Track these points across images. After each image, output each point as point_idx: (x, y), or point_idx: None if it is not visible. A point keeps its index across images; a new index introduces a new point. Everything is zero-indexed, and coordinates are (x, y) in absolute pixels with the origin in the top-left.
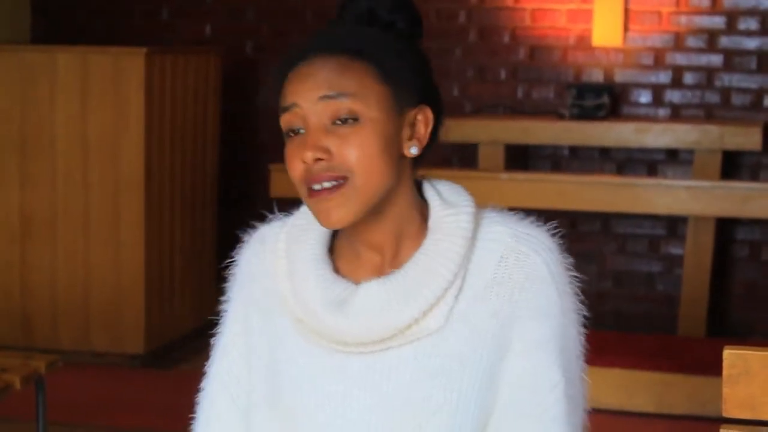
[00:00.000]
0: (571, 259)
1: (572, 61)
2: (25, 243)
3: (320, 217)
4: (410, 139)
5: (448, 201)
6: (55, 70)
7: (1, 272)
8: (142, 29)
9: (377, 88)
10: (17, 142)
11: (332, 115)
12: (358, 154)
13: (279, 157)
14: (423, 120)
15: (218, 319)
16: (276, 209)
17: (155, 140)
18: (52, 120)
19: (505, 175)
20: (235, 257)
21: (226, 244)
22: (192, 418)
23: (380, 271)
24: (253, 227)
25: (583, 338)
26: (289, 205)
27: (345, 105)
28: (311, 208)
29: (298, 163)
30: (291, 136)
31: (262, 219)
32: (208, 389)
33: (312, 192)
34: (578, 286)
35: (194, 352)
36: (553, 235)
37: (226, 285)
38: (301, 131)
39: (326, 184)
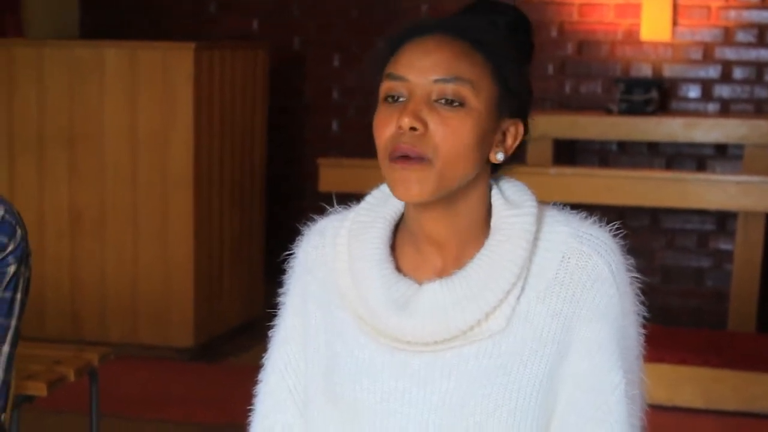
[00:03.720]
0: (632, 260)
1: (620, 55)
2: (74, 238)
3: (399, 187)
4: (498, 145)
5: (511, 201)
6: (103, 65)
7: (51, 266)
8: (188, 24)
9: (489, 85)
10: (66, 137)
11: (439, 94)
12: (452, 139)
13: (326, 151)
14: (514, 133)
15: (274, 312)
16: (335, 203)
17: (203, 135)
18: (101, 115)
19: (553, 170)
20: (294, 250)
21: (274, 238)
22: (247, 411)
23: (442, 271)
24: (312, 220)
25: (642, 339)
26: (339, 198)
27: (456, 88)
28: (390, 176)
29: (390, 127)
30: (388, 102)
31: (321, 212)
32: (265, 381)
33: (393, 159)
34: (638, 287)
35: (242, 346)
36: (615, 235)
37: (284, 277)
38: (401, 99)
39: (410, 156)
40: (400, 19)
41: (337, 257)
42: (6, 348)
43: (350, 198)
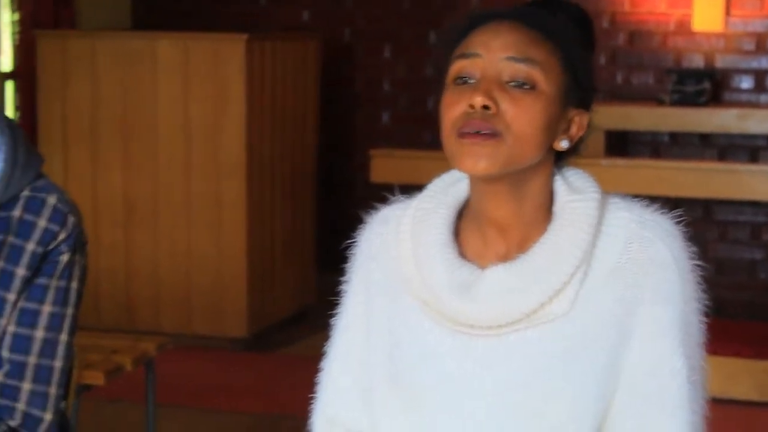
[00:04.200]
0: (694, 248)
1: (672, 46)
2: (128, 227)
3: (467, 160)
4: (564, 133)
5: (574, 187)
6: (156, 56)
7: (106, 256)
8: (240, 15)
9: (558, 72)
10: (120, 127)
11: (511, 76)
12: (523, 119)
13: (376, 143)
14: (579, 123)
15: (326, 302)
16: (397, 192)
17: (256, 126)
18: (154, 106)
19: (605, 161)
20: (355, 238)
21: (325, 228)
22: (299, 400)
23: (505, 257)
24: (374, 208)
25: (703, 327)
26: (389, 189)
27: (527, 70)
28: (456, 151)
29: (460, 106)
30: (458, 83)
31: (374, 201)
32: (328, 369)
33: (463, 134)
34: (700, 275)
35: (294, 336)
36: (678, 222)
37: (347, 265)
38: (471, 81)
39: (481, 132)
40: (452, 10)
41: (400, 244)
42: (63, 336)
43: (409, 189)
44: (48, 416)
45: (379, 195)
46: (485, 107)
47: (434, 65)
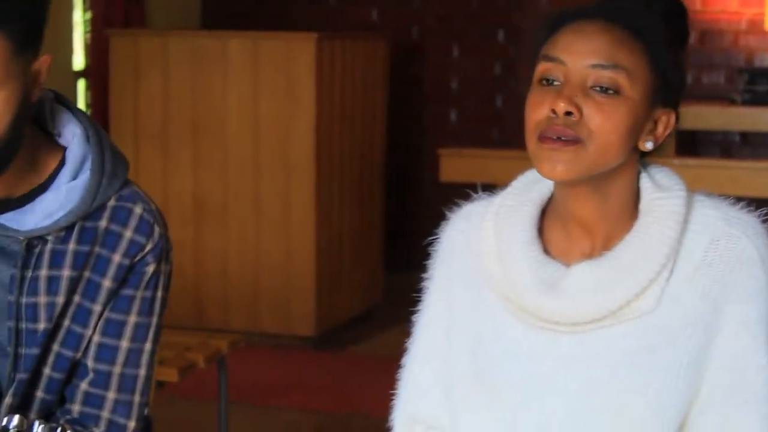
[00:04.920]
0: None
1: (744, 45)
2: (198, 225)
3: (545, 165)
4: (649, 134)
5: (659, 184)
6: (226, 55)
7: (176, 254)
8: (309, 14)
9: (645, 73)
10: (190, 126)
11: (595, 81)
12: (607, 125)
13: (444, 142)
14: (665, 123)
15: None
16: (480, 190)
17: (325, 125)
18: (224, 105)
19: (676, 161)
20: (438, 234)
21: (392, 227)
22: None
23: (590, 254)
24: (458, 205)
25: None
26: (459, 188)
27: (613, 77)
28: (536, 154)
29: (543, 109)
30: (543, 84)
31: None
32: (410, 365)
33: (543, 138)
34: None
35: (362, 335)
36: (764, 221)
37: (429, 262)
38: (556, 83)
39: (562, 138)
40: (520, 8)
41: (483, 241)
42: (148, 346)
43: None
44: (132, 424)
45: (447, 194)
46: (568, 113)
47: (523, 58)
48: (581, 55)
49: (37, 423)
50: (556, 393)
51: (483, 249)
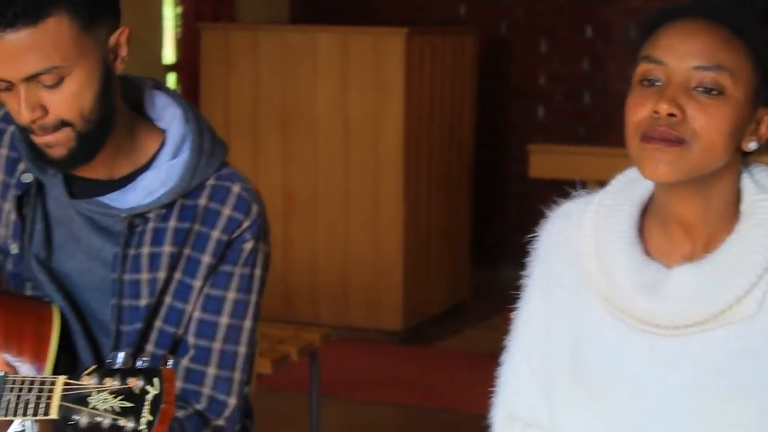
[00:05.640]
0: None
1: None
2: (287, 219)
3: (647, 165)
4: (752, 134)
5: (762, 185)
6: (316, 50)
7: None
8: (398, 9)
9: (748, 73)
10: (280, 120)
11: (699, 82)
12: (710, 126)
13: (532, 137)
14: None
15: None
16: (580, 187)
17: (414, 120)
18: (314, 99)
19: None
20: (537, 233)
21: (480, 223)
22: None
23: (691, 256)
24: (556, 203)
25: None
26: (546, 184)
27: (716, 77)
28: (639, 155)
29: (645, 110)
30: (644, 85)
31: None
32: (508, 363)
33: (646, 139)
34: None
35: (449, 330)
36: None
37: (527, 260)
38: (657, 84)
39: (666, 138)
40: (609, 4)
41: (583, 240)
42: (247, 323)
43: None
44: (232, 401)
45: (534, 190)
46: (671, 114)
47: (612, 54)
48: (683, 56)
49: (140, 360)
50: (656, 395)
51: (582, 248)
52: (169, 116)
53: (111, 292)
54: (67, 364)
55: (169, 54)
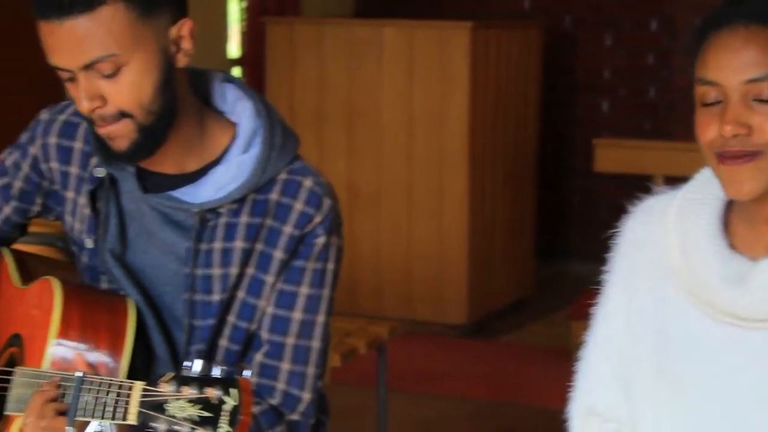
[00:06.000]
0: None
1: None
2: (351, 213)
3: (731, 186)
4: None
5: None
6: (381, 44)
7: None
8: (461, 2)
9: None
10: (345, 114)
11: (756, 95)
12: None
13: (596, 132)
14: None
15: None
16: (660, 182)
17: (479, 114)
18: (379, 93)
19: None
20: (618, 228)
21: (544, 217)
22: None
23: None
24: (639, 198)
25: None
26: (613, 179)
27: None
28: (721, 177)
29: (711, 130)
30: (706, 104)
31: (630, 190)
32: (588, 357)
33: (722, 159)
34: None
35: (514, 324)
36: None
37: (609, 255)
38: (717, 104)
39: (739, 155)
40: None
41: (666, 234)
42: (321, 318)
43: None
44: (306, 396)
45: (599, 184)
46: (736, 135)
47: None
48: (734, 73)
49: (217, 368)
50: (742, 389)
51: (666, 243)
52: (240, 109)
53: (183, 286)
54: (143, 357)
55: (233, 48)
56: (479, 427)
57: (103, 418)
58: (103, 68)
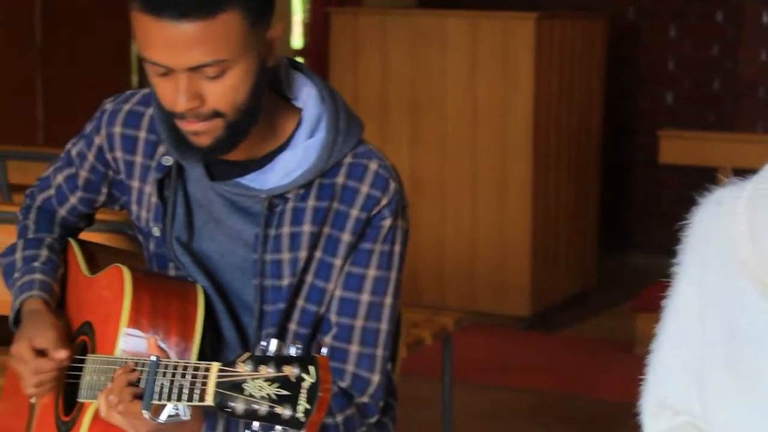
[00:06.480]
0: None
1: None
2: (414, 203)
3: None
4: None
5: None
6: (445, 34)
7: None
8: None
9: None
10: (409, 103)
11: None
12: None
13: (660, 123)
14: None
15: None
16: (728, 174)
17: (543, 105)
18: (443, 83)
19: None
20: (690, 219)
21: (607, 209)
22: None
23: None
24: (707, 190)
25: None
26: (677, 171)
27: None
28: None
29: None
30: None
31: (709, 182)
32: (659, 351)
33: None
34: None
35: (576, 317)
36: None
37: (678, 247)
38: None
39: None
40: None
41: (736, 226)
42: (389, 300)
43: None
44: (376, 378)
45: (662, 176)
46: None
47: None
48: None
49: (293, 347)
50: None
51: (736, 234)
52: (305, 95)
53: (253, 272)
54: (213, 343)
55: (297, 39)
56: (541, 419)
57: (179, 400)
58: (209, 71)
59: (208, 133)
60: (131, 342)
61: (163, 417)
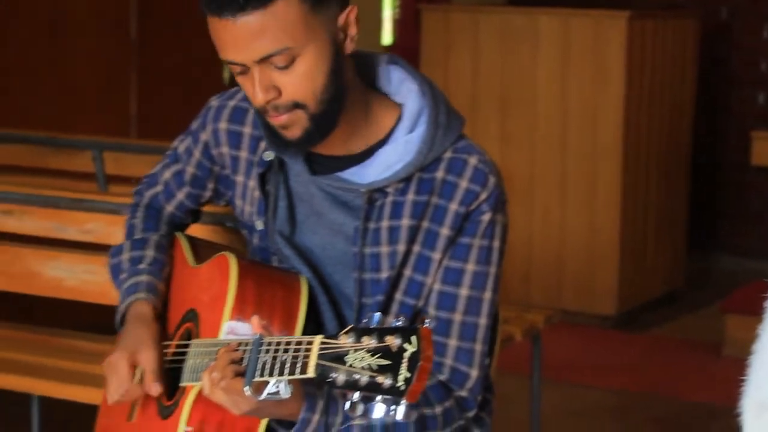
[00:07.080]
0: None
1: None
2: None
3: None
4: None
5: None
6: (536, 31)
7: None
8: None
9: None
10: (498, 100)
11: None
12: None
13: (751, 124)
14: None
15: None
16: None
17: (633, 105)
18: (533, 81)
19: None
20: None
21: (697, 210)
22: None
23: None
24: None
25: None
26: (766, 173)
27: None
28: None
29: None
30: None
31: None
32: (761, 351)
33: None
34: None
35: (664, 317)
36: None
37: None
38: None
39: None
40: None
41: None
42: (488, 294)
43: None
44: (474, 372)
45: (754, 177)
46: None
47: None
48: None
49: (397, 320)
50: None
51: None
52: (405, 90)
53: (353, 265)
54: (313, 334)
55: (386, 35)
56: (628, 419)
57: (281, 374)
58: (277, 61)
59: (294, 126)
60: (235, 327)
61: (263, 395)
